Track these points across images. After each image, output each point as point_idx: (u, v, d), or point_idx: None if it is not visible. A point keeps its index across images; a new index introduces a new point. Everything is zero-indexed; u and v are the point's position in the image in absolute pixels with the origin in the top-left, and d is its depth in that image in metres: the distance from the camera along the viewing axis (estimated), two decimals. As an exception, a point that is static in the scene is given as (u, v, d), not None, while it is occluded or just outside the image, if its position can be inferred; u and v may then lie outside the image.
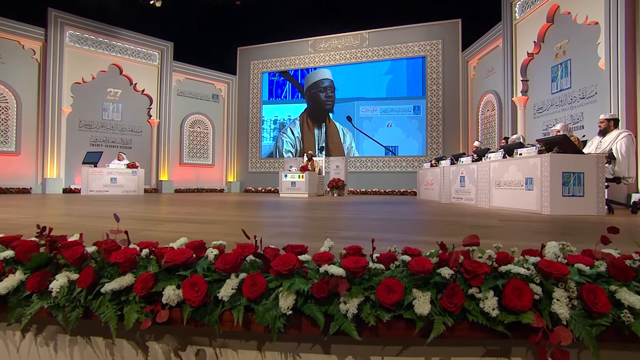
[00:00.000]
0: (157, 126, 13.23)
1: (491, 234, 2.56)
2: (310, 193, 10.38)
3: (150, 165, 13.16)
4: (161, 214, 4.11)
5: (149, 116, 13.08)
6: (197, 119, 14.54)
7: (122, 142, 12.40)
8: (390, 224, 3.31)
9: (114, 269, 1.06)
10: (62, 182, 10.82)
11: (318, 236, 2.41)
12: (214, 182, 15.07)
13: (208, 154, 14.93)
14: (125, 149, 12.28)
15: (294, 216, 4.03)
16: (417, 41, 13.15)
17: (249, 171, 15.46)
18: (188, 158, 14.34)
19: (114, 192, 10.01)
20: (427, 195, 8.38)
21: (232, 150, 15.50)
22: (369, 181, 13.56)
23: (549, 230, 2.91)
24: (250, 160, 15.49)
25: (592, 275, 0.97)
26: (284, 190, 10.56)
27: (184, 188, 13.89)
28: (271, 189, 14.40)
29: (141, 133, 12.92)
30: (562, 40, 8.09)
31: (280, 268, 1.02)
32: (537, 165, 4.56)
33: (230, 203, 6.66)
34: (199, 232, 2.54)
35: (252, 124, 15.46)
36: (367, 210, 5.16)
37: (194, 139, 14.50)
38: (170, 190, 13.34)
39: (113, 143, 12.19)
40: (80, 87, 11.38)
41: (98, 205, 5.52)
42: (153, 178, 13.21)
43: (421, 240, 2.28)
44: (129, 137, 12.59)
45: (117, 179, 10.13)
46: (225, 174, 15.44)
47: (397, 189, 13.04)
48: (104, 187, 9.85)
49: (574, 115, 7.70)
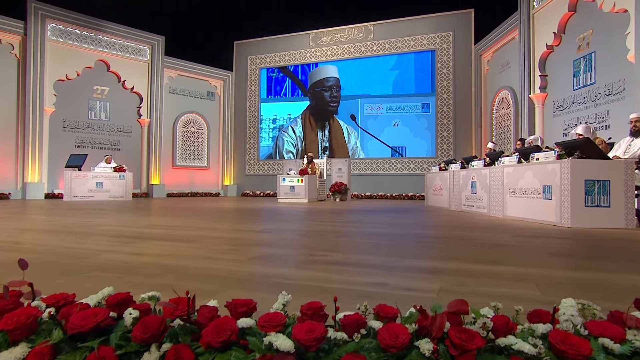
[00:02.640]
0: (147, 126, 13.14)
1: (502, 257, 2.36)
2: (310, 198, 10.21)
3: (141, 168, 13.07)
4: (138, 227, 3.95)
5: (138, 115, 13.00)
6: (190, 118, 14.45)
7: (109, 144, 12.32)
8: (388, 240, 3.12)
9: (4, 336, 0.89)
10: (44, 186, 10.75)
11: (301, 261, 2.23)
12: (209, 186, 14.96)
13: (202, 156, 14.83)
14: (114, 151, 12.20)
15: (284, 230, 3.86)
16: (426, 33, 12.96)
17: (247, 174, 15.36)
18: (181, 160, 14.25)
19: (100, 198, 9.91)
20: (435, 202, 8.17)
21: (228, 152, 15.40)
22: (374, 184, 13.38)
23: (569, 251, 2.70)
24: (248, 162, 15.38)
25: (623, 356, 0.77)
26: (282, 195, 10.40)
27: (177, 192, 13.79)
28: (270, 193, 14.27)
29: (130, 134, 12.83)
30: (586, 31, 7.84)
31: (213, 339, 0.83)
32: (556, 171, 4.34)
33: (220, 212, 6.51)
34: (168, 254, 2.38)
35: (250, 123, 15.36)
36: (366, 220, 4.97)
37: (188, 139, 14.41)
38: (162, 195, 13.24)
39: (100, 144, 12.11)
40: (63, 84, 11.31)
41: (76, 214, 5.39)
42: (143, 182, 13.13)
43: (418, 266, 2.08)
44: (118, 138, 12.51)
45: (103, 183, 10.03)
46: (221, 177, 15.34)
47: (404, 192, 12.83)
48: (88, 193, 9.75)
49: (598, 114, 7.45)
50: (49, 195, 10.77)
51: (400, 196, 12.86)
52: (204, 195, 14.47)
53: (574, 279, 1.85)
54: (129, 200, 10.36)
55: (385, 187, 13.21)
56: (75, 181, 9.55)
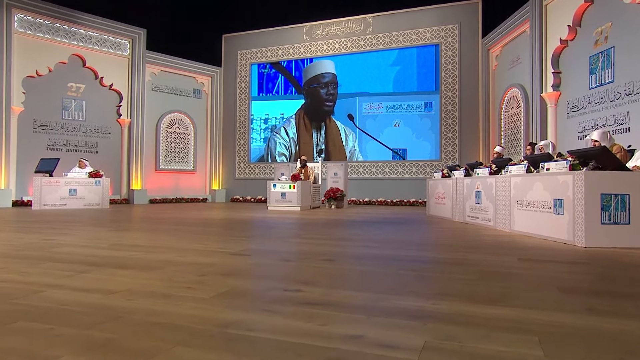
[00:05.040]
0: (128, 127, 12.99)
1: (503, 293, 2.20)
2: (303, 206, 10.07)
3: (121, 172, 12.91)
4: (102, 247, 3.80)
5: (118, 115, 12.85)
6: (175, 118, 14.31)
7: (86, 146, 12.16)
8: (378, 267, 2.96)
9: None
10: (12, 193, 10.56)
11: (271, 300, 2.07)
12: (195, 191, 14.81)
13: (189, 159, 14.70)
14: (91, 154, 12.04)
15: (264, 252, 3.70)
16: (429, 26, 12.85)
17: (237, 177, 15.24)
18: (165, 163, 14.11)
19: (73, 206, 9.75)
20: (437, 211, 8.03)
21: (216, 154, 15.28)
22: (373, 189, 13.26)
23: (581, 283, 2.54)
24: (238, 165, 15.26)
25: None
26: (272, 202, 10.26)
27: (160, 198, 13.63)
28: (261, 198, 14.13)
29: (109, 135, 12.68)
30: (604, 24, 7.70)
31: None
32: (569, 184, 4.19)
33: (202, 224, 6.35)
34: (121, 289, 2.22)
35: (240, 123, 15.24)
36: (359, 237, 4.81)
37: (172, 141, 14.26)
38: (144, 201, 13.08)
39: (75, 147, 11.94)
40: (34, 81, 11.13)
41: (39, 229, 5.22)
42: (124, 187, 12.96)
43: (404, 307, 1.91)
44: (95, 139, 12.35)
45: (77, 190, 9.86)
46: (209, 181, 15.21)
47: (405, 198, 12.70)
48: (60, 201, 9.58)
49: (617, 116, 7.31)
50: (17, 203, 10.59)
51: (401, 202, 12.72)
52: (190, 201, 14.31)
53: (584, 328, 1.69)
54: (105, 208, 10.20)
55: (385, 193, 13.07)
56: (45, 188, 9.38)
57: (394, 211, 10.09)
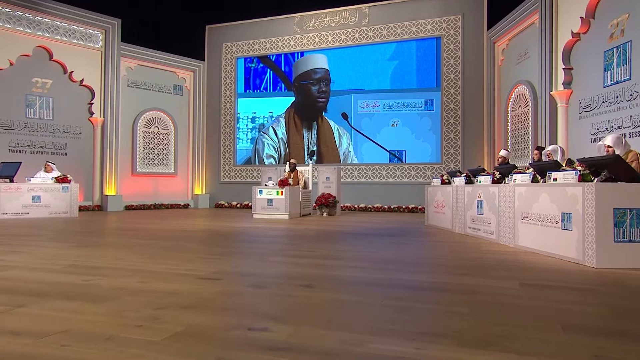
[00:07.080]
0: (101, 126, 12.81)
1: (498, 333, 2.06)
2: (292, 214, 9.95)
3: (93, 176, 12.72)
4: (53, 269, 3.64)
5: (90, 114, 12.66)
6: (154, 117, 14.15)
7: (54, 147, 11.96)
8: (360, 296, 2.82)
9: None
10: (-29, 201, 10.37)
11: (229, 345, 1.92)
12: (177, 196, 14.66)
13: (169, 161, 14.55)
14: (59, 156, 11.85)
15: (235, 274, 3.57)
16: (430, 17, 12.79)
17: (221, 181, 15.14)
18: (143, 166, 13.93)
19: (37, 215, 9.55)
20: (437, 221, 7.92)
21: (199, 156, 15.15)
22: (369, 195, 13.17)
23: (590, 317, 2.41)
24: (223, 167, 15.15)
25: None
26: (258, 210, 10.13)
27: (138, 204, 13.45)
28: (248, 204, 13.96)
29: (80, 135, 12.49)
30: (620, 16, 7.60)
31: None
32: (578, 197, 4.07)
33: (176, 237, 6.18)
34: (57, 331, 2.07)
35: (225, 122, 15.14)
36: (347, 255, 4.69)
37: (151, 141, 14.11)
38: (119, 208, 12.90)
39: (42, 148, 11.74)
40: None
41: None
42: (96, 192, 12.78)
43: (381, 355, 1.77)
44: (64, 140, 12.15)
45: (42, 197, 9.67)
46: (191, 186, 15.07)
47: (404, 204, 12.61)
48: (22, 209, 9.38)
49: (634, 117, 7.23)
50: (-23, 211, 10.40)
51: (399, 209, 12.61)
52: (171, 207, 14.14)
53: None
54: (74, 216, 10.01)
55: (382, 198, 12.97)
56: (5, 195, 9.17)
57: (390, 219, 9.96)
